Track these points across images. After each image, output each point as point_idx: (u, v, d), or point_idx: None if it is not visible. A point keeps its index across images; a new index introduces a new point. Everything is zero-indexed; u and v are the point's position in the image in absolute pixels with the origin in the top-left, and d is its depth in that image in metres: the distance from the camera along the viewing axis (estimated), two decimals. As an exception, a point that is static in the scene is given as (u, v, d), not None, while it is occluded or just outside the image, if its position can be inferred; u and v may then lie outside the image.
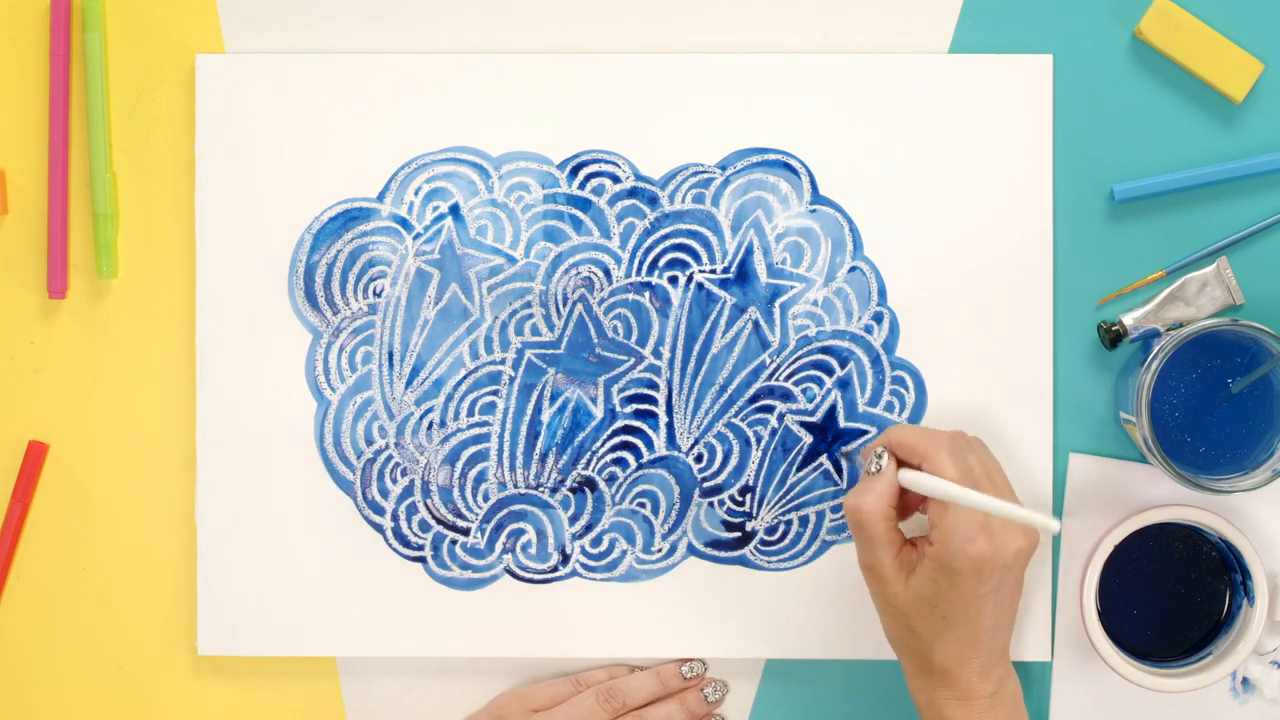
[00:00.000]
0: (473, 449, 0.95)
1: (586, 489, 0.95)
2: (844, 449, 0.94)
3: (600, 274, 0.95)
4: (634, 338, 0.95)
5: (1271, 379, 0.90)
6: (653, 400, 0.95)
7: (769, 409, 0.95)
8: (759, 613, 0.95)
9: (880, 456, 0.88)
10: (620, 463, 0.95)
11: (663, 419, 0.95)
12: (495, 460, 0.95)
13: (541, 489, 0.95)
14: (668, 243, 0.95)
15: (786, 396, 0.95)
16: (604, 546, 0.95)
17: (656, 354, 0.95)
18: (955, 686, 0.87)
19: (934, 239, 0.94)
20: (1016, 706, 0.88)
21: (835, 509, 0.95)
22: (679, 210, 0.95)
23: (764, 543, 0.95)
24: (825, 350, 0.95)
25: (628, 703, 0.93)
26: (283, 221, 0.95)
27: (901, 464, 0.88)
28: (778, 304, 0.95)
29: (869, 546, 0.87)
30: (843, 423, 0.95)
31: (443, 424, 0.95)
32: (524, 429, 0.95)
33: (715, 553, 0.95)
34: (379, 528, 0.95)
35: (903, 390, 0.95)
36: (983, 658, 0.87)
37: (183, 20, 0.95)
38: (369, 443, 0.95)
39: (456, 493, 0.95)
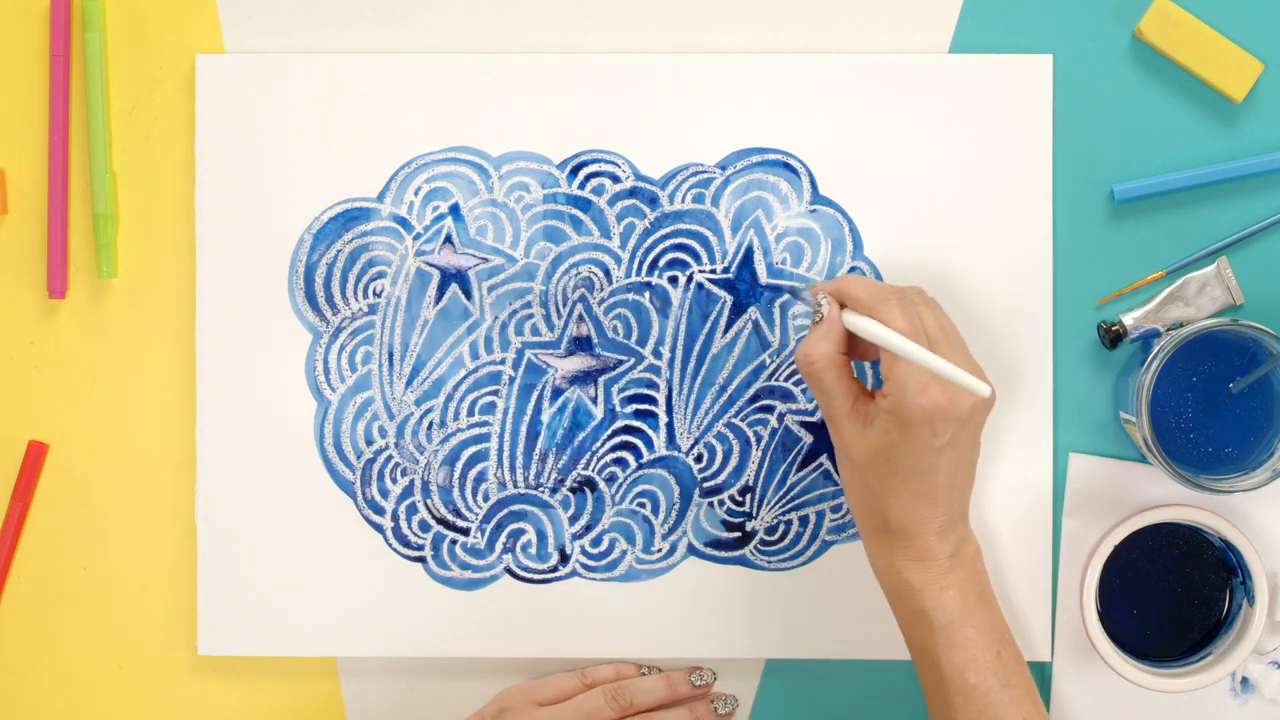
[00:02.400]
0: (473, 449, 0.95)
1: (586, 489, 0.95)
2: (788, 284, 0.92)
3: (600, 274, 0.95)
4: (634, 338, 0.95)
5: (1271, 379, 0.90)
6: (653, 400, 0.95)
7: (769, 409, 0.95)
8: (759, 613, 0.95)
9: (823, 304, 0.86)
10: (620, 463, 0.95)
11: (663, 419, 0.95)
12: (495, 460, 0.95)
13: (541, 489, 0.95)
14: (668, 243, 0.95)
15: (786, 396, 0.95)
16: (604, 546, 0.95)
17: (656, 354, 0.95)
18: (912, 547, 0.85)
19: (934, 239, 0.94)
20: (976, 568, 0.86)
21: (835, 509, 0.95)
22: (679, 210, 0.95)
23: (764, 543, 0.95)
24: (825, 350, 0.95)
25: (635, 704, 0.93)
26: (283, 221, 0.95)
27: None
28: (778, 304, 0.95)
29: (822, 395, 0.86)
30: (843, 423, 0.95)
31: (443, 424, 0.95)
32: (524, 429, 0.95)
33: (715, 553, 0.95)
34: (379, 528, 0.95)
35: (903, 390, 0.95)
36: (940, 517, 0.85)
37: (183, 20, 0.95)
38: (369, 443, 0.95)
39: (456, 493, 0.95)
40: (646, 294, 0.95)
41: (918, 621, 0.85)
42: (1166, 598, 0.94)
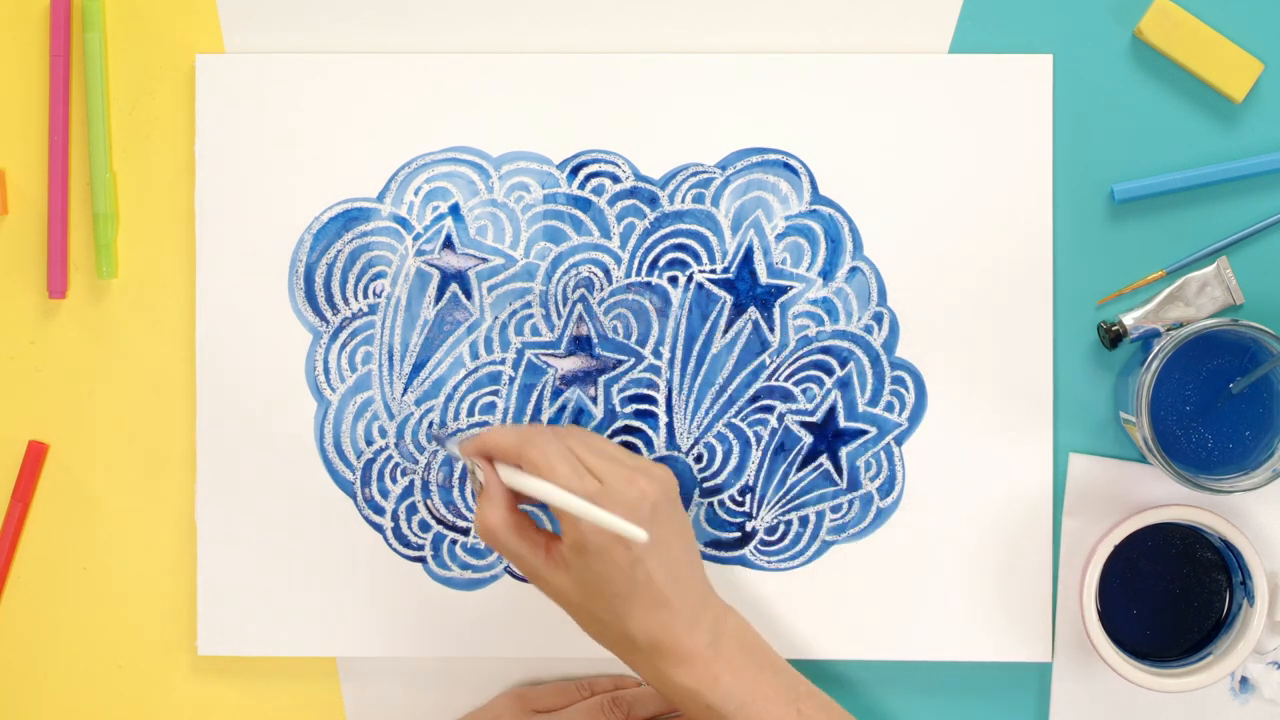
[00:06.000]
0: (473, 449, 0.95)
1: (586, 489, 0.95)
2: (437, 433, 0.92)
3: (600, 274, 0.95)
4: (634, 338, 0.95)
5: (1271, 379, 0.90)
6: (653, 400, 0.95)
7: (769, 409, 0.95)
8: (759, 613, 0.95)
9: (478, 471, 0.85)
10: (620, 463, 0.95)
11: (663, 419, 0.95)
12: (495, 460, 0.95)
13: (541, 489, 0.95)
14: (668, 243, 0.95)
15: (786, 396, 0.95)
16: (604, 546, 0.95)
17: (656, 354, 0.95)
18: (671, 654, 0.83)
19: (934, 239, 0.95)
20: (744, 639, 0.85)
21: (835, 509, 0.95)
22: (679, 210, 0.95)
23: (764, 543, 0.95)
24: (825, 350, 0.95)
25: (633, 713, 0.93)
26: (283, 221, 0.95)
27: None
28: (778, 304, 0.95)
29: (514, 559, 0.85)
30: (843, 423, 0.95)
31: (443, 424, 0.95)
32: (524, 429, 0.95)
33: (715, 553, 0.95)
34: (379, 528, 0.95)
35: (903, 390, 0.95)
36: (682, 614, 0.83)
37: (183, 20, 0.95)
38: (369, 443, 0.95)
39: (456, 493, 0.95)
40: (646, 294, 0.95)
41: (712, 717, 0.84)
42: (1166, 598, 0.94)
